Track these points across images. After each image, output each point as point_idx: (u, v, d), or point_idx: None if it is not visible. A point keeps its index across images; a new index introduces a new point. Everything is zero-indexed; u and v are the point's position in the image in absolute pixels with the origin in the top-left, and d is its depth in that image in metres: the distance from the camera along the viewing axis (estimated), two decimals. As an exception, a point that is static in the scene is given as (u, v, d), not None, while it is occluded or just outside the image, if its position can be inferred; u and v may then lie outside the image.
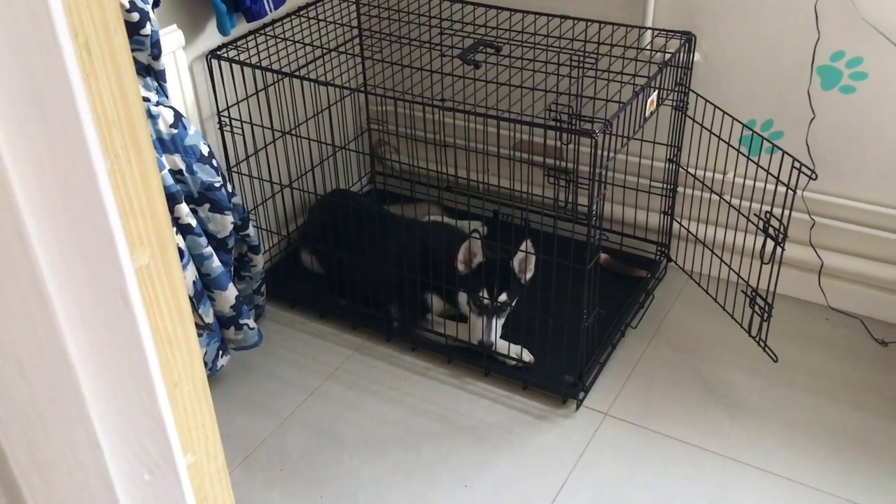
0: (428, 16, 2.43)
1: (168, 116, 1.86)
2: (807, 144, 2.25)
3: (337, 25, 2.48)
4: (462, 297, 2.23)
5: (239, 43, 2.26)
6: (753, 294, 2.07)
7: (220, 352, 2.13)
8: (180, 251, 1.88)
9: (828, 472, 1.93)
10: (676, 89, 2.23)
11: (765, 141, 2.06)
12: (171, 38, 2.03)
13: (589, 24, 2.27)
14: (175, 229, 1.87)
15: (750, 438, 2.03)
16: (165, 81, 1.89)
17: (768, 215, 1.95)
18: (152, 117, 1.83)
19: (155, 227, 0.71)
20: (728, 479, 1.93)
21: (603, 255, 2.50)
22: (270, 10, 2.27)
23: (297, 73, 2.21)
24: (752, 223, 2.06)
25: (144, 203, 0.69)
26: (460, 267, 2.19)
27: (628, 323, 2.37)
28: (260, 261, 2.21)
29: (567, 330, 2.11)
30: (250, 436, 2.09)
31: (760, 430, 2.05)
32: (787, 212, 1.91)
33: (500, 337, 2.22)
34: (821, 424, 2.06)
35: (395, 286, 2.34)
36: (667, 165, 2.40)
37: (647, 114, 2.04)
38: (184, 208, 1.89)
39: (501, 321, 2.20)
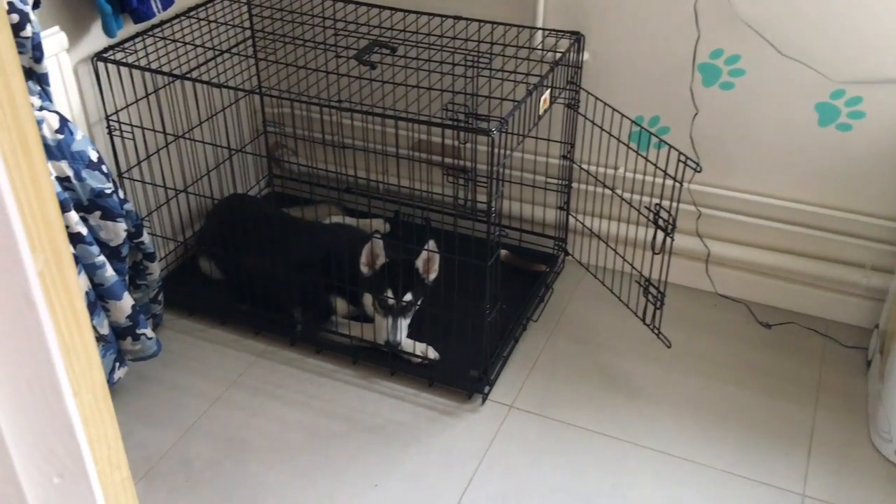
0: (322, 16, 2.42)
1: (53, 121, 1.79)
2: (691, 139, 2.35)
3: (229, 27, 2.43)
4: (367, 299, 2.23)
5: (126, 45, 2.19)
6: (646, 283, 2.16)
7: (118, 363, 2.06)
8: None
9: (720, 450, 2.03)
10: (568, 87, 2.30)
11: (652, 136, 2.14)
12: (54, 41, 1.95)
13: (482, 24, 2.31)
14: (64, 238, 1.80)
15: (647, 422, 2.11)
16: (49, 85, 1.82)
17: (658, 207, 2.03)
18: (36, 122, 1.76)
19: (48, 234, 0.69)
20: (628, 463, 2.00)
21: (503, 252, 2.55)
22: (158, 11, 2.21)
23: (188, 75, 2.16)
24: (643, 215, 2.14)
25: (36, 208, 0.67)
26: (364, 269, 2.19)
27: (529, 317, 2.43)
28: (156, 268, 2.16)
29: (470, 326, 2.14)
30: (152, 448, 2.03)
31: (657, 413, 2.14)
32: (675, 204, 1.99)
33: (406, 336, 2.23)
34: (712, 405, 2.16)
35: (298, 289, 2.32)
36: (561, 162, 2.46)
37: (541, 112, 2.10)
38: (73, 216, 1.83)
39: (407, 321, 2.21)
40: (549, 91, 2.12)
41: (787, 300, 2.48)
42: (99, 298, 1.94)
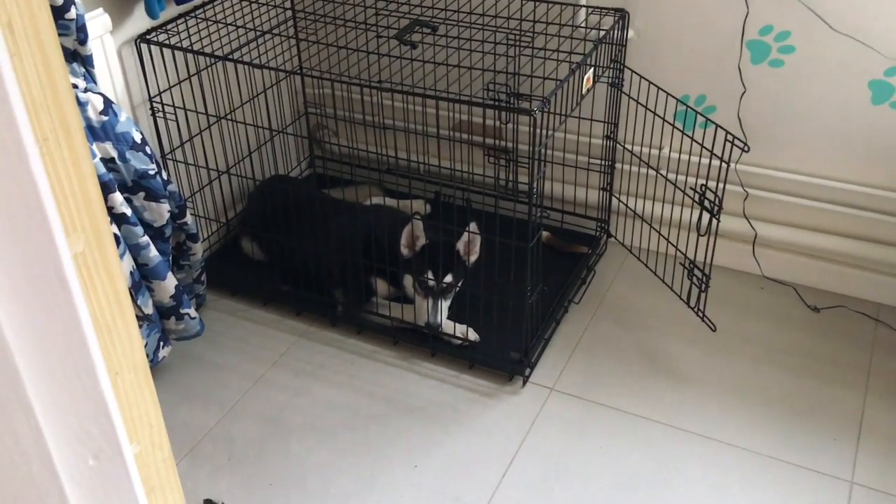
0: (362, -4, 2.40)
1: (97, 103, 1.81)
2: (738, 118, 2.30)
3: (270, 7, 2.43)
4: (407, 280, 2.22)
5: (169, 26, 2.20)
6: (691, 266, 2.12)
7: (161, 343, 2.09)
8: (116, 240, 1.83)
9: (766, 435, 2.00)
10: (612, 66, 2.26)
11: (698, 115, 2.10)
12: (98, 23, 1.97)
13: (524, 2, 2.27)
14: (109, 219, 1.83)
15: (691, 406, 2.08)
16: (93, 67, 1.84)
17: (703, 188, 1.99)
18: (81, 104, 1.77)
19: (89, 214, 0.69)
20: (672, 447, 1.98)
21: (545, 233, 2.53)
22: (200, -7, 2.21)
23: (230, 57, 2.17)
24: (689, 196, 2.10)
25: (77, 189, 0.67)
26: (404, 251, 2.18)
27: (571, 299, 2.40)
28: (199, 249, 2.17)
29: (511, 307, 2.12)
30: (195, 427, 2.06)
31: (701, 397, 2.10)
32: (721, 184, 1.95)
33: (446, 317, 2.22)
34: (758, 390, 2.12)
35: (338, 270, 2.33)
36: (604, 142, 2.43)
37: (584, 91, 2.06)
38: (118, 197, 1.85)
39: (448, 302, 2.20)
40: (592, 70, 2.08)
41: (836, 283, 2.42)
42: (143, 278, 1.97)
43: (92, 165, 0.67)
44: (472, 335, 2.22)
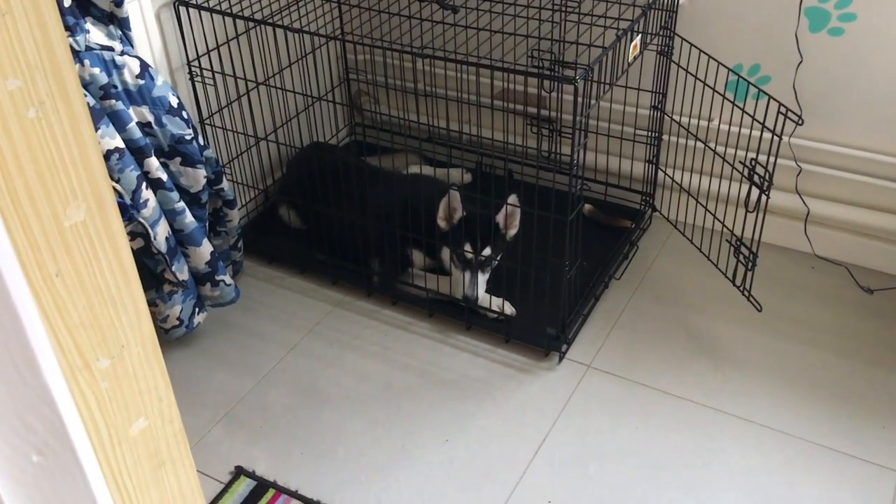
0: (405, -41, 2.34)
1: (134, 66, 1.79)
2: (794, 89, 2.19)
3: (311, -30, 2.39)
4: (445, 252, 2.18)
5: (208, -11, 2.17)
6: (738, 243, 2.04)
7: (197, 309, 2.09)
8: (120, 209, 1.82)
9: (811, 420, 1.93)
10: (661, 33, 2.17)
11: (751, 86, 2.00)
12: (136, -15, 1.95)
13: (571, -34, 2.19)
14: (145, 184, 1.82)
15: (734, 389, 2.01)
16: (130, 30, 1.82)
17: (754, 162, 1.91)
18: (117, 67, 1.76)
19: (90, 180, 0.66)
20: (712, 430, 1.92)
21: (587, 206, 2.46)
22: (240, -45, 2.18)
23: (270, 21, 2.14)
24: (738, 171, 2.02)
25: (76, 154, 0.64)
26: (441, 224, 2.14)
27: (612, 274, 2.34)
28: (236, 216, 2.16)
29: (549, 282, 2.07)
30: (230, 393, 2.06)
31: (744, 380, 2.04)
32: (772, 158, 1.86)
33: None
34: (805, 373, 2.04)
35: (375, 240, 2.30)
36: (651, 112, 2.34)
37: (631, 59, 1.98)
38: (154, 162, 1.84)
39: (486, 276, 2.16)
40: (640, 37, 2.00)
41: (891, 264, 2.31)
42: (179, 244, 1.96)
43: (92, 129, 0.64)
44: (509, 309, 2.18)
